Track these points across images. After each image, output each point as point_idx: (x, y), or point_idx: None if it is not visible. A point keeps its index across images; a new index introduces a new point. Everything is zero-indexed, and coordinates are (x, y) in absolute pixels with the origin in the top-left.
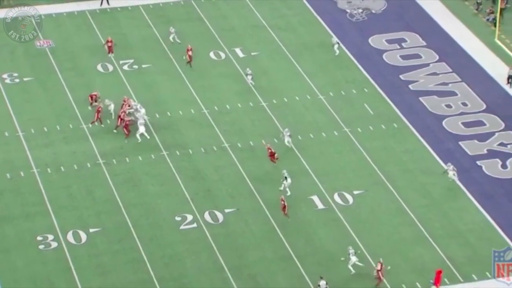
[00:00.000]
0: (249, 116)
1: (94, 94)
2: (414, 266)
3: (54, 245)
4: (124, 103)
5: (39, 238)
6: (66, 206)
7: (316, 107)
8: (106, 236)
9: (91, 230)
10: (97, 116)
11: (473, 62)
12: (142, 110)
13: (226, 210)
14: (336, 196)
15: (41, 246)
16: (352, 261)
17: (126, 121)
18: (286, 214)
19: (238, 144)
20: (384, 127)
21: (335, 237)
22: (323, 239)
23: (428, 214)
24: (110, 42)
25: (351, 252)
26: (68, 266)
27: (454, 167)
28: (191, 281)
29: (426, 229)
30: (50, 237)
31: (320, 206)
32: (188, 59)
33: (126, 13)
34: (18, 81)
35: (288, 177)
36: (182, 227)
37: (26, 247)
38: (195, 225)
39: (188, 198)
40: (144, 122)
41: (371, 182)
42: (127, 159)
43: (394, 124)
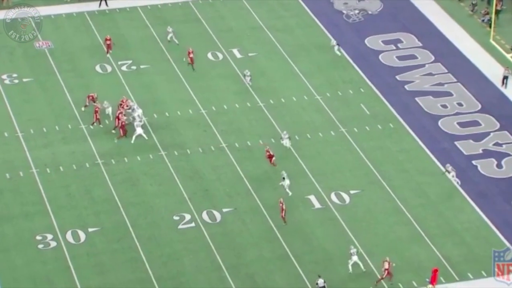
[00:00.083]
0: (246, 116)
1: (91, 95)
2: (410, 265)
3: (53, 244)
4: (122, 103)
5: (38, 238)
6: (65, 205)
7: (313, 107)
8: (104, 235)
9: (90, 230)
10: (95, 116)
11: (468, 62)
12: (139, 111)
13: (224, 210)
14: (333, 195)
15: (40, 246)
16: (352, 260)
17: (122, 121)
18: (284, 218)
19: (236, 144)
20: (380, 127)
21: (332, 236)
22: (320, 238)
23: (424, 214)
24: (108, 40)
25: (353, 251)
26: (67, 265)
27: (453, 168)
28: (189, 280)
29: (422, 228)
30: (49, 236)
31: (317, 205)
32: (189, 62)
33: (124, 14)
34: (17, 81)
35: (286, 178)
36: (180, 227)
37: (25, 247)
38: (193, 224)
39: (186, 197)
40: (141, 124)
41: (368, 182)
42: (126, 159)
43: (390, 124)
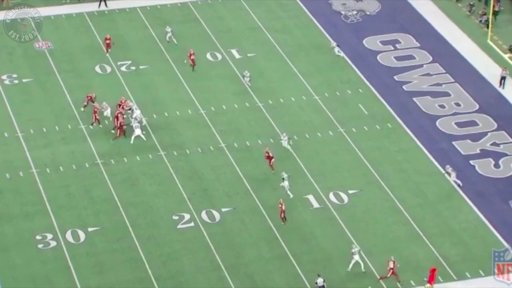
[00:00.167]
0: (245, 116)
1: (89, 95)
2: (409, 264)
3: (53, 244)
4: (121, 104)
5: (38, 237)
6: (65, 205)
7: (311, 108)
8: (104, 235)
9: (90, 229)
10: (94, 117)
11: (466, 63)
12: (137, 112)
13: (223, 209)
14: (331, 195)
15: (40, 245)
16: (354, 259)
17: (121, 121)
18: (283, 218)
19: (235, 144)
20: (378, 127)
21: (331, 236)
22: (319, 238)
23: (422, 213)
24: (108, 40)
25: (354, 250)
26: (67, 265)
27: (454, 169)
28: (188, 279)
29: (420, 227)
30: (49, 236)
31: (315, 205)
32: (191, 63)
33: (123, 15)
34: (17, 82)
35: (286, 179)
36: (179, 226)
37: (25, 246)
38: (192, 224)
39: (185, 197)
40: (139, 125)
41: (366, 182)
42: (125, 159)
43: (388, 124)
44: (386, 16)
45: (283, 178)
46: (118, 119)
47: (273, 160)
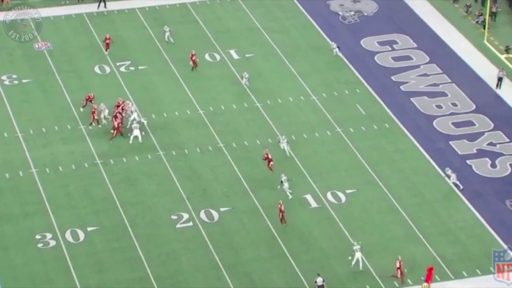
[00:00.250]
0: (243, 116)
1: (89, 95)
2: (406, 263)
3: (52, 243)
4: (119, 105)
5: (38, 237)
6: (64, 205)
7: (309, 108)
8: (103, 234)
9: (89, 229)
10: (92, 117)
11: (463, 63)
12: (134, 114)
13: (222, 209)
14: (329, 195)
15: (39, 245)
16: (356, 256)
17: (118, 122)
18: (281, 220)
19: (233, 144)
20: (376, 127)
21: (329, 235)
22: (317, 237)
23: (419, 213)
24: (108, 39)
25: (356, 248)
26: (66, 264)
27: (453, 171)
28: (187, 278)
29: (417, 227)
30: (49, 235)
31: (313, 204)
32: (193, 65)
33: (122, 15)
34: (17, 82)
35: (284, 181)
36: (178, 226)
37: (25, 246)
38: (191, 223)
39: (184, 197)
40: (138, 126)
41: (363, 181)
42: (124, 159)
43: (386, 124)
44: (384, 17)
45: (282, 181)
46: (116, 119)
47: (271, 162)
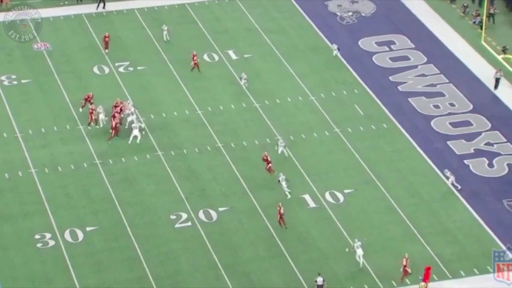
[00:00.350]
0: (242, 116)
1: (88, 95)
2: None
3: (51, 243)
4: (117, 105)
5: (37, 237)
6: (63, 205)
7: (307, 108)
8: (102, 234)
9: (88, 229)
10: (91, 117)
11: (460, 63)
12: (133, 117)
13: (220, 209)
14: (327, 195)
15: (39, 245)
16: (357, 254)
17: (116, 122)
18: (280, 222)
19: (232, 144)
20: (373, 127)
21: (327, 235)
22: (315, 237)
23: (417, 213)
24: (107, 38)
25: (357, 244)
26: (65, 264)
27: (452, 173)
28: (186, 278)
29: (415, 227)
30: (48, 235)
31: (312, 204)
32: (193, 66)
33: (121, 16)
34: (16, 83)
35: (282, 181)
36: (177, 226)
37: (24, 246)
38: (190, 223)
39: (182, 197)
40: (137, 126)
41: (361, 181)
42: (123, 159)
43: (384, 124)
44: (381, 17)
45: (279, 180)
46: (114, 119)
47: (270, 165)
